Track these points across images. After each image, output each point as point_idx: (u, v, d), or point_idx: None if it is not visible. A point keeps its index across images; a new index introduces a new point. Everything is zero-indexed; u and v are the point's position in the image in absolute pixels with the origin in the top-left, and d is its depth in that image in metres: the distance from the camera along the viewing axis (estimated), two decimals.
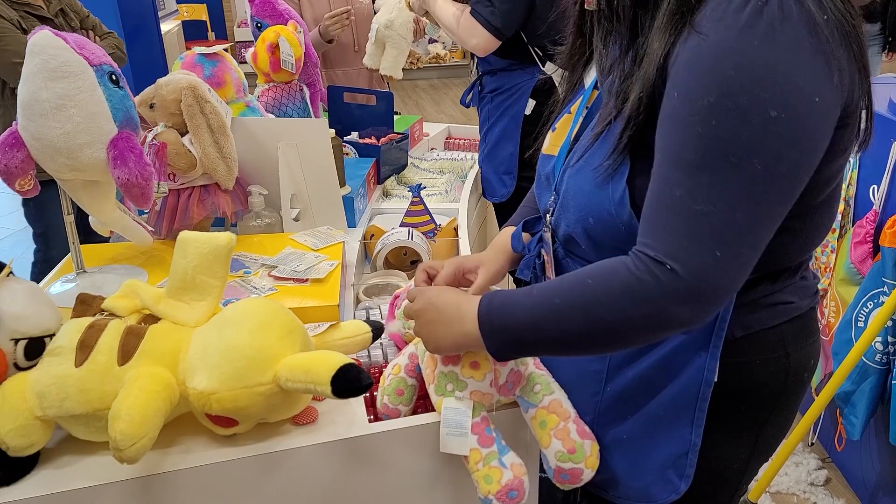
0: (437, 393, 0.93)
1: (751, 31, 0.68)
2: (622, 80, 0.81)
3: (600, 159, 0.82)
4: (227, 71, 1.60)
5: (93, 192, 1.17)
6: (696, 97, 0.70)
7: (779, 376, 0.90)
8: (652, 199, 0.75)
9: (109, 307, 0.95)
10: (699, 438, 0.87)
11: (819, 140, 0.72)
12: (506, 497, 0.88)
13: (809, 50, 0.69)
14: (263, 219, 1.50)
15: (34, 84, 1.03)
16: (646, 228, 0.75)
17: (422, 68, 8.04)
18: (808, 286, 0.91)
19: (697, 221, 0.70)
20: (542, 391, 0.94)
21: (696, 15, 0.72)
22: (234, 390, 0.85)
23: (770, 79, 0.68)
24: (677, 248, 0.71)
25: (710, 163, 0.70)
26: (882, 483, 1.99)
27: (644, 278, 0.72)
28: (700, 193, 0.70)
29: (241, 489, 0.91)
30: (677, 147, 0.72)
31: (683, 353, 0.86)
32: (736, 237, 0.71)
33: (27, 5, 2.47)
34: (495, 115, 2.17)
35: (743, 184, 0.69)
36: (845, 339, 1.87)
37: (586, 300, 0.76)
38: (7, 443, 0.85)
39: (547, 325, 0.79)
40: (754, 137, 0.68)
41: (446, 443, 0.91)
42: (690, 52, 0.72)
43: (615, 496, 0.94)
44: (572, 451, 0.90)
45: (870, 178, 1.93)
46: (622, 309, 0.74)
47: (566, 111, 0.98)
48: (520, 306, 0.81)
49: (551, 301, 0.79)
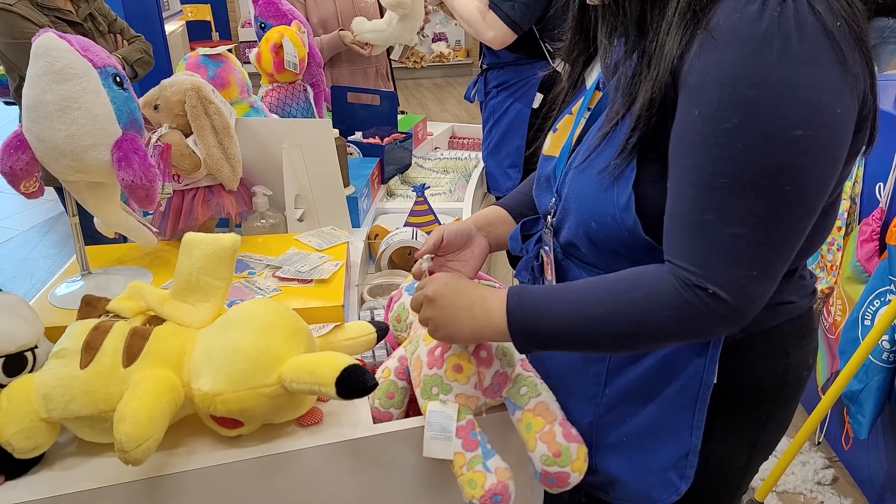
0: (422, 396, 0.93)
1: (769, 46, 0.67)
2: (630, 79, 0.79)
3: (606, 160, 0.81)
4: (230, 72, 1.60)
5: (97, 193, 1.17)
6: (720, 119, 0.69)
7: (778, 376, 0.90)
8: (681, 218, 0.75)
9: (114, 309, 0.95)
10: (699, 440, 0.87)
11: (842, 150, 0.73)
12: (490, 501, 0.87)
13: (826, 60, 0.68)
14: (268, 219, 1.50)
15: (39, 86, 1.03)
16: (682, 250, 0.75)
17: (425, 67, 8.04)
18: (807, 286, 0.92)
19: (732, 244, 0.72)
20: (529, 393, 0.93)
21: (709, 14, 0.71)
22: (239, 392, 0.85)
23: (791, 96, 0.67)
24: (714, 272, 0.73)
25: (738, 187, 0.70)
26: (889, 482, 1.98)
27: (691, 300, 0.74)
28: (733, 217, 0.71)
29: (246, 490, 0.91)
30: (702, 168, 0.72)
31: (683, 355, 0.86)
32: (772, 256, 0.73)
33: (57, 10, 2.52)
34: (501, 109, 2.18)
35: (775, 205, 0.70)
36: (852, 338, 1.86)
37: (632, 317, 0.77)
38: (13, 445, 0.85)
39: (586, 333, 0.80)
40: (782, 160, 0.68)
41: (430, 447, 0.90)
42: (708, 66, 0.70)
43: (616, 498, 0.94)
44: (557, 454, 0.89)
45: (876, 175, 1.93)
46: (668, 328, 0.77)
47: (567, 112, 0.96)
48: (555, 312, 0.81)
49: (593, 311, 0.79)
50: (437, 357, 0.92)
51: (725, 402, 0.87)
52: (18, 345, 0.89)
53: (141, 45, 2.79)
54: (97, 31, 2.65)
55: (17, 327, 0.90)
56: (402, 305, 1.09)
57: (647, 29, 0.77)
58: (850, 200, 2.02)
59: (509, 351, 0.96)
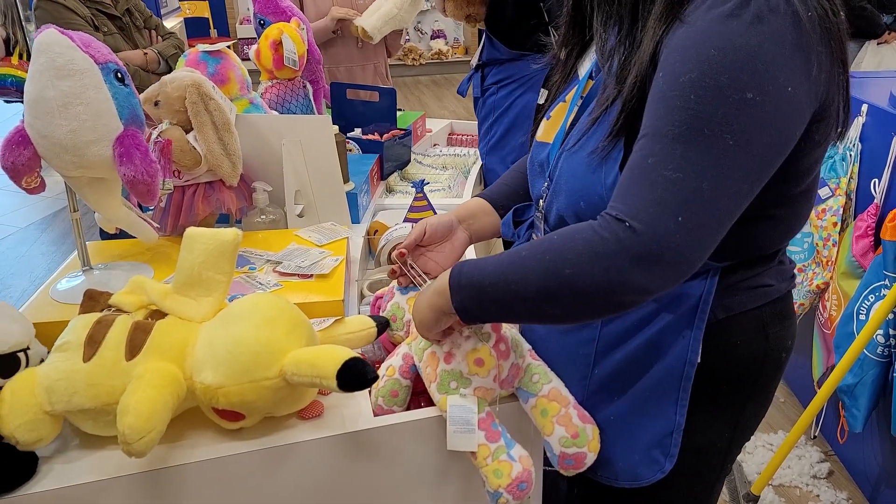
0: (439, 391, 0.93)
1: (737, 19, 0.72)
2: (622, 64, 0.83)
3: (596, 143, 0.84)
4: (230, 68, 1.60)
5: (99, 189, 1.17)
6: (679, 74, 0.73)
7: (758, 356, 0.93)
8: (627, 167, 0.77)
9: (116, 303, 0.96)
10: (683, 418, 0.90)
11: (790, 128, 0.75)
12: (516, 489, 0.89)
13: (791, 43, 0.72)
14: (268, 215, 1.51)
15: (41, 82, 1.04)
16: (616, 193, 0.77)
17: (424, 64, 8.03)
18: (786, 270, 0.95)
19: (664, 186, 0.72)
20: (541, 380, 0.95)
21: (686, 7, 0.76)
22: (241, 384, 0.86)
23: (750, 64, 0.71)
24: (640, 209, 0.73)
25: (684, 134, 0.72)
26: (884, 475, 1.99)
27: (604, 235, 0.74)
28: (671, 161, 0.73)
29: (247, 482, 0.92)
30: (656, 121, 0.75)
31: (668, 334, 0.88)
32: (700, 206, 0.72)
33: (99, 3, 2.56)
34: (503, 105, 2.17)
35: (713, 156, 0.72)
36: (847, 333, 1.87)
37: (549, 253, 0.77)
38: (16, 437, 0.86)
39: (510, 278, 0.80)
40: (729, 115, 0.71)
41: (454, 441, 0.91)
42: (678, 38, 0.75)
43: (603, 476, 0.95)
44: (576, 435, 0.91)
45: (871, 171, 1.94)
46: (580, 264, 0.75)
47: (560, 100, 0.99)
48: (489, 262, 0.83)
49: (518, 253, 0.80)
50: (460, 354, 0.93)
51: (707, 382, 0.90)
52: (11, 345, 0.90)
53: (175, 42, 2.83)
54: (134, 25, 2.69)
55: (8, 328, 0.90)
56: (397, 304, 1.09)
57: (638, 17, 0.82)
58: (846, 196, 2.03)
59: (518, 341, 0.97)
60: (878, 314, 1.70)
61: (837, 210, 2.03)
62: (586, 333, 0.93)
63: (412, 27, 8.04)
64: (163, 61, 2.69)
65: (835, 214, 2.04)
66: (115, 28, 2.60)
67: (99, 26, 2.53)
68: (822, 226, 2.06)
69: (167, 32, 2.86)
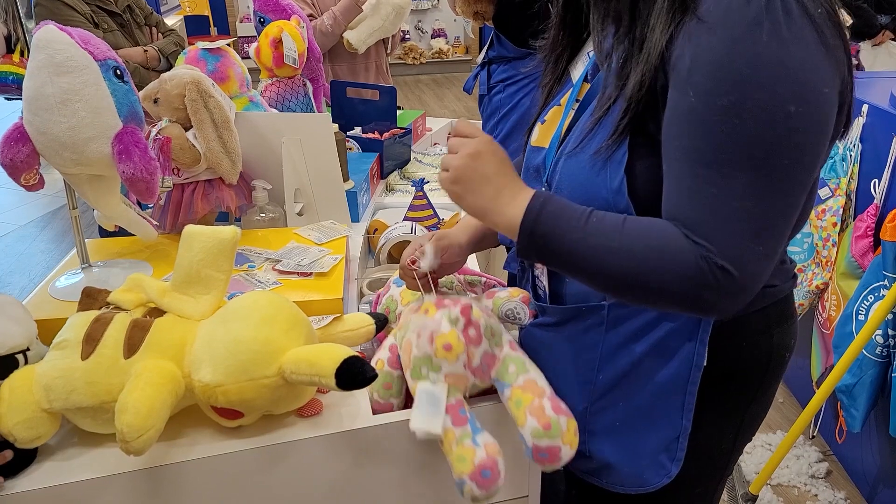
0: (412, 377, 0.92)
1: (759, 27, 0.70)
2: (622, 63, 0.81)
3: (598, 144, 0.82)
4: (230, 66, 1.60)
5: (98, 186, 1.17)
6: (716, 97, 0.71)
7: (763, 357, 0.92)
8: (685, 193, 0.76)
9: (115, 301, 0.96)
10: (689, 422, 0.89)
11: (829, 128, 0.75)
12: (479, 476, 0.85)
13: (812, 42, 0.71)
14: (267, 213, 1.51)
15: (39, 79, 1.04)
16: (690, 218, 0.75)
17: (424, 63, 8.03)
18: (788, 270, 0.95)
19: (741, 218, 0.73)
20: (518, 371, 0.93)
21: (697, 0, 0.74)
22: (240, 383, 0.86)
23: (783, 73, 0.70)
24: (729, 248, 0.74)
25: (740, 161, 0.72)
26: (883, 475, 1.99)
27: (706, 271, 0.74)
28: (737, 190, 0.73)
29: (246, 480, 0.92)
30: (699, 144, 0.73)
31: (674, 339, 0.87)
32: (774, 231, 0.75)
33: (99, 0, 2.56)
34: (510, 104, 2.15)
35: (774, 179, 0.72)
36: (846, 333, 1.87)
37: (644, 266, 0.77)
38: (14, 435, 0.86)
39: (590, 260, 0.80)
40: (779, 134, 0.71)
41: (418, 422, 0.88)
42: (700, 48, 0.73)
43: (609, 483, 0.95)
44: (548, 426, 0.87)
45: (871, 172, 1.94)
46: (673, 289, 0.76)
47: (555, 103, 0.98)
48: (572, 228, 0.81)
49: (608, 244, 0.79)
50: (426, 338, 0.92)
51: (713, 385, 0.89)
52: (8, 347, 0.89)
53: (176, 39, 2.83)
54: (135, 22, 2.69)
55: (8, 329, 0.90)
56: (391, 297, 1.09)
57: (638, 14, 0.80)
58: (846, 197, 2.03)
59: (497, 331, 0.96)
60: (877, 314, 1.70)
61: (837, 210, 2.03)
62: (590, 338, 0.92)
63: (412, 26, 8.04)
64: (163, 58, 2.69)
65: (835, 215, 2.04)
66: (115, 25, 2.60)
67: (99, 23, 2.53)
68: (822, 226, 2.06)
69: (168, 30, 2.86)
